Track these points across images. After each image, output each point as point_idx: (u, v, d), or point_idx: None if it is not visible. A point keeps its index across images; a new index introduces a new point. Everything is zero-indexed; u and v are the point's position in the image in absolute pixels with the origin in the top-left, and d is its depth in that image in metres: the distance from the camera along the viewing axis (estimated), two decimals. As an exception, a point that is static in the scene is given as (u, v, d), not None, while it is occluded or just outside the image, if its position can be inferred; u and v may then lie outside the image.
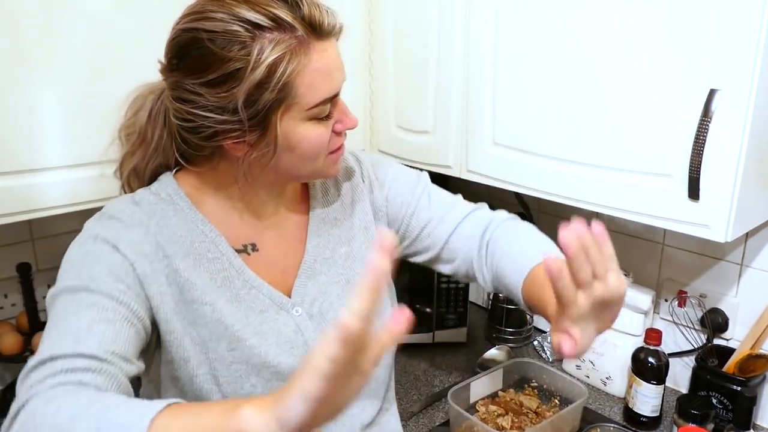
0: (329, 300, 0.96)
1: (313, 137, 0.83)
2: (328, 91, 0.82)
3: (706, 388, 1.27)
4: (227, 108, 0.78)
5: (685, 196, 0.99)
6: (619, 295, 0.67)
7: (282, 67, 0.76)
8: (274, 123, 0.80)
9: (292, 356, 0.90)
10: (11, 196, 1.00)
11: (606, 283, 0.66)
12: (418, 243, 1.06)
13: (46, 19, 0.98)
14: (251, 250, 0.93)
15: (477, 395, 1.35)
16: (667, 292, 1.43)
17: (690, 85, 0.95)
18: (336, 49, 0.84)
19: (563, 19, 1.10)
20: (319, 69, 0.79)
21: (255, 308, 0.89)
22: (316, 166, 0.88)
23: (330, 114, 0.85)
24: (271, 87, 0.77)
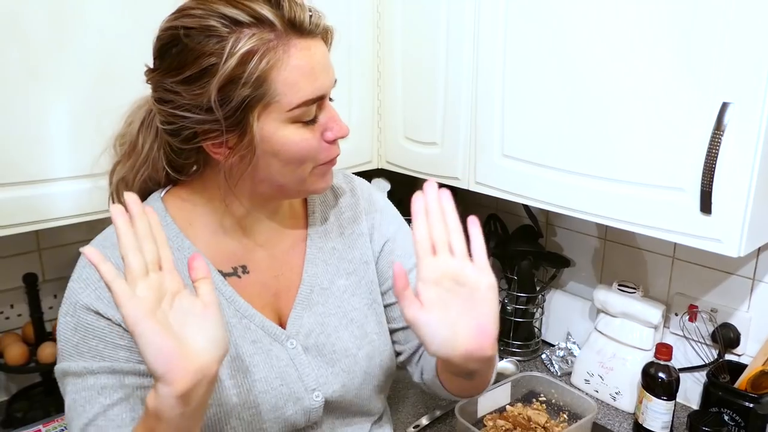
0: (326, 332, 0.91)
1: (297, 142, 0.78)
2: (311, 91, 0.77)
3: (718, 404, 1.25)
4: (203, 106, 0.74)
5: (697, 210, 0.98)
6: (478, 283, 0.70)
7: (256, 59, 0.72)
8: (251, 123, 0.76)
9: (279, 394, 0.85)
10: (19, 207, 1.00)
11: (464, 260, 0.71)
12: (387, 310, 1.00)
13: (54, 32, 0.98)
14: (241, 272, 0.89)
15: (484, 409, 1.34)
16: (678, 306, 1.42)
17: (702, 98, 0.94)
18: (322, 50, 0.79)
19: (573, 30, 1.09)
20: (299, 66, 0.75)
21: (246, 338, 0.86)
22: (303, 176, 0.82)
23: (316, 118, 0.80)
24: (244, 80, 0.73)
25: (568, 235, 1.64)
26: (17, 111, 0.97)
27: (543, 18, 1.13)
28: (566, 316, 1.68)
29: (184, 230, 0.86)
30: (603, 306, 1.49)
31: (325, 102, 0.81)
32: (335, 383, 0.90)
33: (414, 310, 0.70)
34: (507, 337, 1.68)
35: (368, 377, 0.93)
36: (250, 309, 0.87)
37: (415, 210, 0.73)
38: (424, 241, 0.72)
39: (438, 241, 0.72)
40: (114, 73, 1.05)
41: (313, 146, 0.80)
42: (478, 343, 0.70)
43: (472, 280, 0.70)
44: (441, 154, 1.40)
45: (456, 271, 0.71)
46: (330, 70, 0.80)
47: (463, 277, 0.71)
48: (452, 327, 0.70)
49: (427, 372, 0.97)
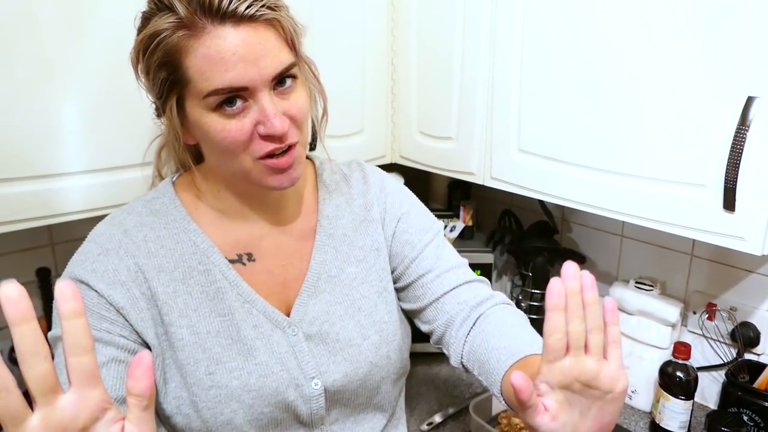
0: (331, 321, 0.91)
1: (219, 131, 0.76)
2: (221, 81, 0.73)
3: (737, 404, 1.23)
4: (145, 85, 0.81)
5: (720, 207, 0.96)
6: (613, 387, 0.62)
7: (160, 39, 0.74)
8: (170, 105, 0.78)
9: (279, 379, 0.85)
10: (32, 201, 1.00)
11: (599, 361, 0.62)
12: (410, 290, 0.98)
13: (67, 27, 0.97)
14: (247, 259, 0.89)
15: (499, 407, 1.33)
16: (696, 304, 1.40)
17: (727, 92, 0.92)
18: (249, 39, 0.74)
19: (593, 21, 1.07)
20: (209, 55, 0.73)
21: (248, 323, 0.86)
22: (244, 168, 0.80)
23: (245, 110, 0.76)
24: (157, 62, 0.75)
25: (584, 231, 1.62)
26: (30, 105, 0.96)
27: (562, 9, 1.11)
28: (581, 313, 1.66)
29: (192, 213, 0.88)
30: (619, 303, 1.47)
31: (257, 94, 0.76)
32: (336, 372, 0.89)
33: (539, 418, 0.63)
34: (521, 334, 1.66)
35: (374, 368, 0.92)
36: (252, 294, 0.87)
37: (552, 304, 0.61)
38: (559, 342, 0.61)
39: (574, 341, 0.61)
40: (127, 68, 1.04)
41: (237, 138, 0.77)
42: None
43: (606, 384, 0.62)
44: (456, 149, 1.38)
45: (590, 374, 0.62)
46: (261, 61, 0.74)
47: (597, 381, 0.62)
48: (575, 428, 0.64)
49: (471, 363, 0.91)
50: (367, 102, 1.44)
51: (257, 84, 0.75)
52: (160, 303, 0.82)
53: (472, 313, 0.94)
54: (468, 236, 1.68)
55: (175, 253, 0.85)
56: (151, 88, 0.80)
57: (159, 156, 0.95)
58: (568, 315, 0.61)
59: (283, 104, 0.78)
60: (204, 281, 0.85)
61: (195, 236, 0.86)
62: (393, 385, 0.98)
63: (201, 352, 0.83)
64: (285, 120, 0.78)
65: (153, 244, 0.85)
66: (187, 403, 0.83)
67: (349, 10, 1.35)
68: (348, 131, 1.41)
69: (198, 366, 0.82)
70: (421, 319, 1.00)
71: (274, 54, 0.76)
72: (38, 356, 0.45)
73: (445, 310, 0.95)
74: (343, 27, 1.34)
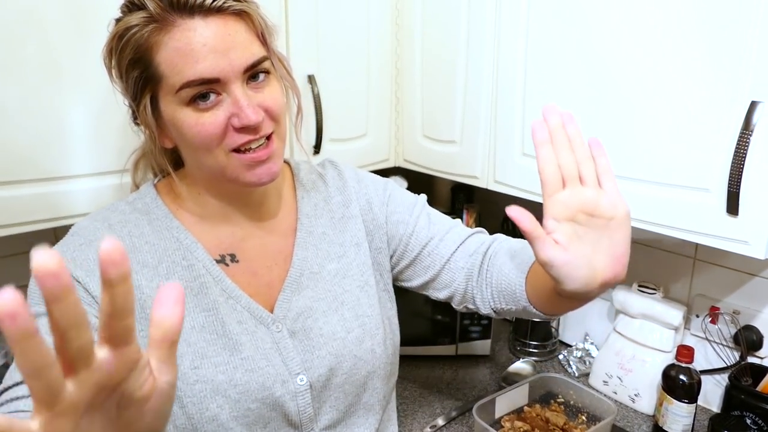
0: (314, 316, 0.91)
1: (192, 125, 0.77)
2: (193, 73, 0.74)
3: (740, 407, 1.23)
4: (120, 87, 0.81)
5: (723, 211, 0.96)
6: (614, 212, 0.66)
7: (130, 35, 0.75)
8: (144, 103, 0.78)
9: (266, 374, 0.85)
10: (37, 204, 1.00)
11: (596, 189, 0.67)
12: (418, 263, 1.00)
13: (75, 30, 0.98)
14: (230, 261, 0.89)
15: (502, 410, 1.33)
16: (699, 307, 1.40)
17: (730, 96, 0.92)
18: (218, 31, 0.75)
19: (597, 25, 1.07)
20: (178, 48, 0.74)
21: (232, 319, 0.86)
22: (219, 164, 0.80)
23: (218, 103, 0.77)
24: (129, 59, 0.76)
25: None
26: (36, 107, 0.97)
27: (566, 12, 1.12)
28: (584, 317, 1.67)
29: (174, 213, 0.89)
30: (622, 307, 1.47)
31: (229, 86, 0.76)
32: (321, 367, 0.89)
33: (550, 251, 0.67)
34: (524, 337, 1.66)
35: (359, 361, 0.92)
36: (236, 290, 0.87)
37: (538, 140, 0.68)
38: (553, 174, 0.68)
39: (567, 172, 0.68)
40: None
41: (211, 132, 0.77)
42: (614, 273, 0.69)
43: (607, 210, 0.67)
44: (460, 153, 1.39)
45: (590, 203, 0.67)
46: (232, 52, 0.75)
47: (598, 208, 0.67)
48: (590, 262, 0.68)
49: (498, 299, 0.93)
50: (371, 105, 1.45)
51: (229, 75, 0.76)
52: (143, 297, 0.82)
53: (485, 259, 0.95)
54: (471, 239, 1.69)
55: (159, 249, 0.85)
56: (125, 89, 0.80)
57: (136, 168, 0.95)
58: (555, 148, 0.67)
59: (257, 97, 0.79)
60: (188, 276, 0.85)
61: (178, 233, 0.87)
62: (381, 383, 0.97)
63: (186, 347, 0.82)
64: (259, 111, 0.78)
65: (137, 240, 0.85)
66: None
67: (354, 14, 1.35)
68: (352, 134, 1.42)
69: (183, 360, 0.82)
70: (437, 287, 1.00)
71: (245, 46, 0.77)
72: (81, 327, 0.41)
73: (460, 266, 0.97)
74: (347, 31, 1.35)
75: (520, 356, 1.65)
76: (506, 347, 1.72)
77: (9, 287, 0.37)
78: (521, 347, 1.67)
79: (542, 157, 0.68)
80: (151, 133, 0.81)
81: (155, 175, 0.95)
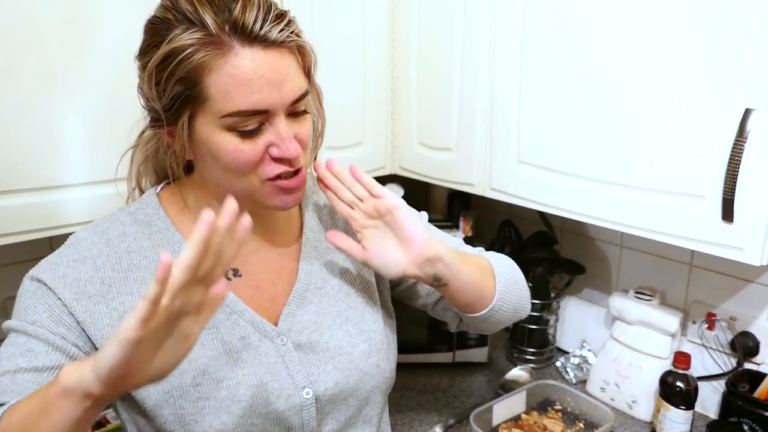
0: (320, 331, 0.90)
1: (231, 151, 0.76)
2: (246, 104, 0.74)
3: (737, 414, 1.23)
4: (148, 94, 0.78)
5: (718, 217, 0.96)
6: (388, 205, 0.87)
7: (185, 56, 0.72)
8: (183, 120, 0.76)
9: (270, 389, 0.84)
10: (33, 213, 1.00)
11: (369, 201, 0.88)
12: (420, 286, 1.03)
13: (70, 38, 0.98)
14: (232, 275, 0.88)
15: (500, 418, 1.32)
16: (696, 314, 1.40)
17: (724, 103, 0.93)
18: (274, 63, 0.75)
19: (592, 33, 1.08)
20: (234, 75, 0.73)
21: (235, 334, 0.85)
22: (250, 188, 0.81)
23: (259, 131, 0.77)
24: (177, 77, 0.73)
25: (584, 241, 1.63)
26: (32, 117, 0.97)
27: (561, 21, 1.12)
28: (581, 324, 1.67)
29: (177, 225, 0.87)
30: (619, 313, 1.47)
31: (275, 117, 0.77)
32: (328, 381, 0.88)
33: (360, 254, 0.89)
34: (521, 344, 1.66)
35: (365, 376, 0.92)
36: (240, 304, 0.86)
37: (329, 198, 0.90)
38: (344, 206, 0.89)
39: (349, 200, 0.89)
40: (130, 79, 1.04)
41: (249, 159, 0.77)
42: (412, 250, 0.86)
43: (383, 208, 0.87)
44: (456, 160, 1.39)
45: (370, 209, 0.88)
46: (284, 86, 0.76)
47: (377, 210, 0.88)
48: (390, 249, 0.88)
49: (452, 316, 1.04)
50: (367, 113, 1.45)
51: (278, 108, 0.76)
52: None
53: None
54: (468, 246, 1.69)
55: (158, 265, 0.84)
56: (157, 97, 0.76)
57: (138, 171, 0.93)
58: (338, 191, 0.89)
59: (294, 128, 0.80)
60: None
61: (179, 248, 0.85)
62: (382, 396, 0.98)
63: (187, 363, 0.81)
64: (297, 145, 0.79)
65: (135, 256, 0.84)
66: (173, 420, 0.81)
67: (350, 21, 1.36)
68: (348, 142, 1.42)
69: (184, 377, 0.81)
70: (437, 311, 1.05)
71: (295, 79, 0.78)
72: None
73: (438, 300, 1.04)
74: (343, 38, 1.35)
75: (517, 363, 1.64)
76: (503, 354, 1.72)
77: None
78: (518, 354, 1.67)
79: (335, 205, 0.90)
80: (182, 148, 0.79)
81: (159, 181, 0.93)
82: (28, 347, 0.76)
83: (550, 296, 1.64)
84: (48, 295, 0.79)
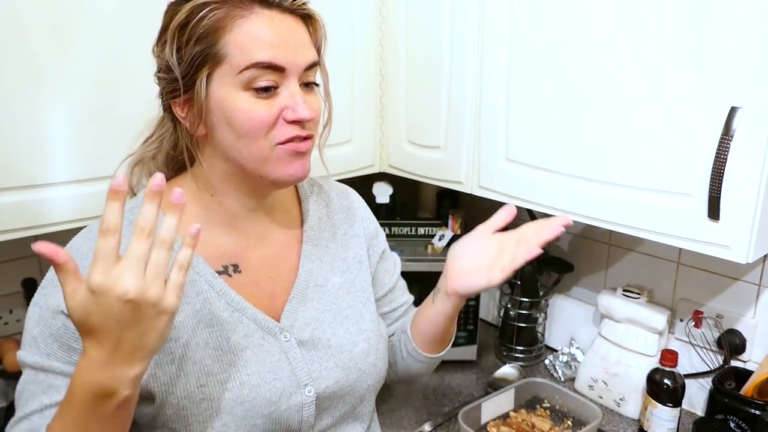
0: (321, 327, 0.91)
1: (246, 111, 0.77)
2: (262, 56, 0.76)
3: (724, 411, 1.24)
4: (167, 65, 0.78)
5: (704, 215, 0.97)
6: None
7: (206, 11, 0.75)
8: (201, 79, 0.77)
9: (273, 388, 0.84)
10: (18, 212, 0.99)
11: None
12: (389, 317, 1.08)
13: (55, 35, 0.97)
14: (233, 271, 0.88)
15: (488, 416, 1.32)
16: (683, 312, 1.41)
17: (710, 102, 0.93)
18: (290, 27, 0.79)
19: (579, 32, 1.08)
20: (253, 33, 0.76)
21: (238, 332, 0.84)
22: (261, 155, 0.80)
23: (274, 92, 0.79)
24: (197, 35, 0.75)
25: (572, 239, 1.63)
26: (16, 114, 0.96)
27: (549, 21, 1.12)
28: (570, 322, 1.67)
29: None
30: (607, 311, 1.47)
31: (289, 79, 0.79)
32: (329, 378, 0.88)
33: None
34: (510, 342, 1.66)
35: (363, 375, 0.92)
36: (242, 302, 0.86)
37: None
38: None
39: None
40: (115, 77, 1.04)
41: (265, 119, 0.78)
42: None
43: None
44: (444, 159, 1.39)
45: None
46: (298, 49, 0.79)
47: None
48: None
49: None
50: (355, 111, 1.45)
51: (292, 68, 0.79)
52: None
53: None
54: (457, 245, 1.69)
55: None
56: (178, 64, 0.77)
57: (132, 173, 0.92)
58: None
59: (306, 98, 0.82)
60: (190, 292, 0.83)
61: (178, 247, 0.84)
62: (374, 395, 0.99)
63: (191, 365, 0.81)
64: (312, 108, 0.81)
65: None
66: (176, 419, 0.81)
67: (338, 19, 1.35)
68: (336, 140, 1.41)
69: (189, 379, 0.80)
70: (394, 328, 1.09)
71: (309, 47, 0.82)
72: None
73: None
74: (331, 36, 1.34)
75: (506, 361, 1.65)
76: (492, 353, 1.72)
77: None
78: (507, 352, 1.67)
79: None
80: (199, 110, 0.79)
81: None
82: (48, 384, 0.77)
83: (538, 294, 1.64)
84: (56, 318, 0.77)
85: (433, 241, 1.67)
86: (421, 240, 1.70)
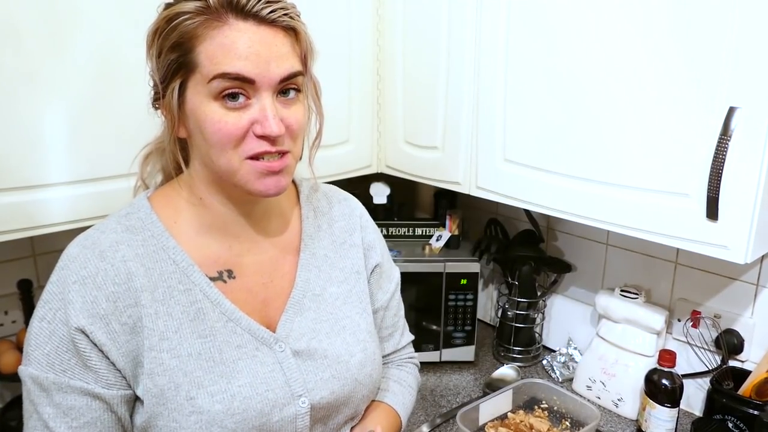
0: (318, 338, 0.90)
1: (215, 121, 0.76)
2: (232, 67, 0.75)
3: (722, 411, 1.24)
4: (151, 65, 0.80)
5: (703, 216, 0.97)
6: None
7: (180, 21, 0.75)
8: (173, 87, 0.78)
9: (265, 399, 0.82)
10: (14, 213, 0.99)
11: None
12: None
13: (50, 35, 0.96)
14: (227, 277, 0.87)
15: (486, 417, 1.32)
16: (681, 312, 1.41)
17: (708, 102, 0.93)
18: (266, 39, 0.77)
19: (576, 34, 1.08)
20: (224, 44, 0.75)
21: (231, 343, 0.83)
22: (231, 166, 0.79)
23: (245, 103, 0.77)
24: (170, 39, 0.76)
25: (570, 239, 1.63)
26: (11, 115, 0.95)
27: (545, 22, 1.12)
28: (567, 322, 1.67)
29: (170, 229, 0.85)
30: (605, 311, 1.47)
31: (260, 92, 0.77)
32: (324, 389, 0.88)
33: None
34: (508, 342, 1.66)
35: (358, 386, 0.92)
36: (236, 312, 0.85)
37: None
38: None
39: None
40: (110, 77, 1.04)
41: (232, 132, 0.77)
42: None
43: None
44: (442, 159, 1.39)
45: None
46: (272, 62, 0.77)
47: None
48: None
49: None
50: (353, 112, 1.45)
51: (264, 81, 0.77)
52: (141, 327, 0.79)
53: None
54: (454, 245, 1.69)
55: (155, 273, 0.82)
56: (157, 69, 0.79)
57: (146, 162, 0.92)
58: None
59: (282, 112, 0.79)
60: (185, 301, 0.82)
61: (174, 254, 0.83)
62: (366, 403, 0.98)
63: (182, 376, 0.80)
64: (281, 124, 0.78)
65: (132, 264, 0.81)
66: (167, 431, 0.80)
67: (336, 19, 1.35)
68: (334, 141, 1.41)
69: (179, 391, 0.79)
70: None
71: (287, 58, 0.79)
72: None
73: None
74: (329, 37, 1.35)
75: (504, 362, 1.64)
76: (490, 353, 1.72)
77: None
78: (505, 353, 1.67)
79: None
80: (172, 118, 0.80)
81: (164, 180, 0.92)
82: (69, 405, 0.77)
83: (536, 295, 1.64)
84: (65, 331, 0.77)
85: (431, 242, 1.67)
86: (419, 240, 1.69)
